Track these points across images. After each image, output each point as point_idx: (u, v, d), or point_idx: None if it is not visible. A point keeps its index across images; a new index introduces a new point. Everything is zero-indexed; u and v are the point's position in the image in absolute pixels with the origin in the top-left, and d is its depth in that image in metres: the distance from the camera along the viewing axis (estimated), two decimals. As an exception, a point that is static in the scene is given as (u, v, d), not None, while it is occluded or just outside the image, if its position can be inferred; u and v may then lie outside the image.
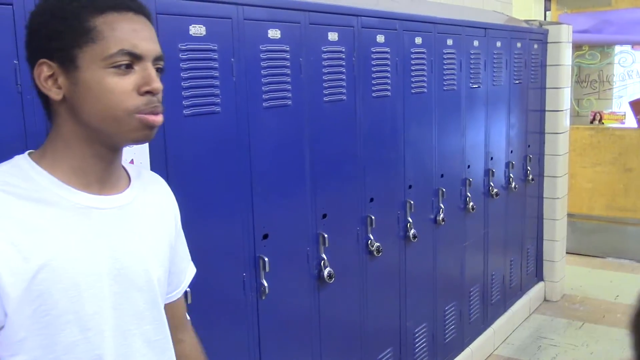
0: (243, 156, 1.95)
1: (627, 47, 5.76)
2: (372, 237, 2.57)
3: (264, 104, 2.00)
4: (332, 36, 2.29)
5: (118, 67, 0.98)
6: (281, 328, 2.15)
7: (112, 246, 1.04)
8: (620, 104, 5.85)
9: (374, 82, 2.53)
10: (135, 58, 1.00)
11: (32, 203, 0.98)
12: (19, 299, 0.94)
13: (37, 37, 1.00)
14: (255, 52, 1.95)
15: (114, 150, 1.06)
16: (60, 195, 1.01)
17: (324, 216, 2.31)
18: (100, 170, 1.05)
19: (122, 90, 0.99)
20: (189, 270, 1.33)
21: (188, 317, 1.38)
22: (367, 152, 2.52)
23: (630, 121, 5.57)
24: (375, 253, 2.57)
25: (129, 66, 1.00)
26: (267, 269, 2.03)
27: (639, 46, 5.88)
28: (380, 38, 2.56)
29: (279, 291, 2.10)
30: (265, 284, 2.03)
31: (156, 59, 1.03)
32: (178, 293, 1.29)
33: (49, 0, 1.02)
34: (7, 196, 0.96)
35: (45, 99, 1.04)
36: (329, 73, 2.27)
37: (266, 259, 2.02)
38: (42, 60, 1.00)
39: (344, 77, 2.35)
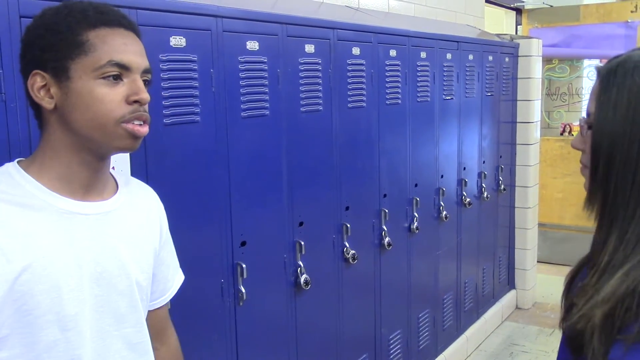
0: (222, 165, 1.99)
1: (595, 61, 5.92)
2: (347, 245, 2.62)
3: (243, 114, 2.04)
4: (309, 48, 2.34)
5: (107, 77, 1.04)
6: (258, 334, 2.18)
7: (94, 250, 1.09)
8: (589, 116, 5.99)
9: (349, 93, 2.59)
10: (124, 69, 1.05)
11: (18, 208, 1.02)
12: (2, 298, 0.98)
13: (32, 49, 1.05)
14: (234, 63, 2.00)
15: (100, 159, 1.11)
16: (46, 200, 1.05)
17: (301, 224, 2.35)
18: (86, 178, 1.10)
19: (111, 99, 1.04)
20: (176, 279, 1.36)
21: (172, 326, 1.42)
22: (343, 162, 2.58)
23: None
24: (350, 260, 2.62)
25: (118, 77, 1.05)
26: (245, 276, 2.06)
27: (606, 60, 6.05)
28: (356, 50, 2.62)
29: (257, 297, 2.14)
30: (243, 290, 2.06)
31: (144, 72, 1.09)
32: (162, 301, 1.33)
33: (45, 15, 1.07)
34: None
35: (37, 109, 1.09)
36: (306, 84, 2.33)
37: (244, 266, 2.06)
38: (35, 71, 1.05)
39: (320, 88, 2.41)
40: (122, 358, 1.15)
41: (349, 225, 2.61)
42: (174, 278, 1.36)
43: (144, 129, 1.08)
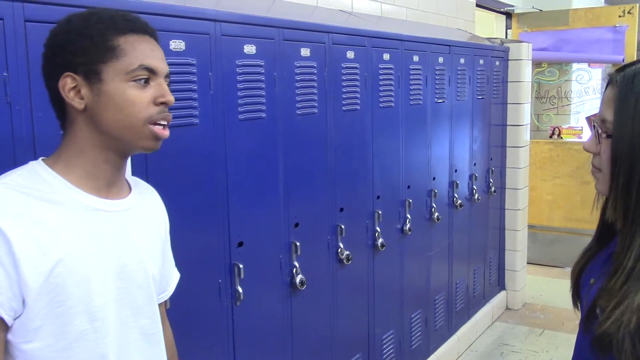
0: (219, 166, 2.02)
1: (584, 65, 6.00)
2: (342, 246, 2.65)
3: (240, 117, 2.08)
4: (305, 52, 2.38)
5: (138, 80, 1.11)
6: (255, 334, 2.22)
7: (116, 245, 1.15)
8: (577, 119, 6.08)
9: (344, 96, 2.63)
10: (152, 73, 1.13)
11: (48, 204, 1.08)
12: (38, 290, 1.03)
13: (63, 53, 1.10)
14: (231, 66, 2.03)
15: (123, 158, 1.18)
16: (73, 197, 1.11)
17: (297, 225, 2.38)
18: (109, 176, 1.16)
19: (140, 101, 1.11)
20: (174, 276, 1.43)
21: (167, 321, 1.47)
22: (337, 164, 2.61)
23: (588, 136, 5.77)
24: (345, 261, 2.66)
25: (147, 81, 1.12)
26: (242, 276, 2.10)
27: (594, 64, 6.13)
28: (350, 54, 2.66)
29: (253, 297, 2.17)
30: (240, 290, 2.09)
31: (166, 76, 1.16)
32: (164, 296, 1.39)
33: (72, 21, 1.12)
34: (26, 197, 1.06)
35: (61, 109, 1.14)
36: (301, 87, 2.36)
37: (241, 266, 2.09)
38: (67, 73, 1.10)
39: (315, 91, 2.44)
40: (138, 348, 1.21)
41: (343, 227, 2.65)
42: (173, 275, 1.43)
43: (167, 132, 1.16)
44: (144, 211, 1.26)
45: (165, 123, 1.15)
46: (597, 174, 1.11)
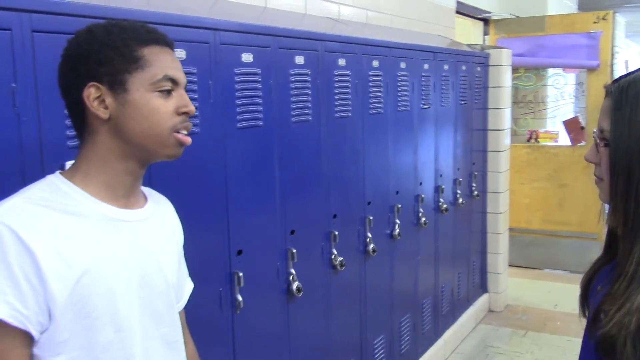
0: (219, 175, 2.02)
1: (560, 70, 6.13)
2: (335, 252, 2.67)
3: (238, 125, 2.08)
4: (299, 60, 2.39)
5: (162, 91, 1.12)
6: (254, 341, 2.21)
7: (137, 254, 1.16)
8: (554, 123, 6.19)
9: (336, 103, 2.65)
10: (174, 84, 1.14)
11: (70, 216, 1.08)
12: (64, 302, 1.03)
13: (87, 62, 1.10)
14: (230, 75, 2.04)
15: (143, 167, 1.18)
16: (93, 208, 1.11)
17: (293, 232, 2.39)
18: (129, 186, 1.17)
19: (165, 110, 1.13)
20: (188, 286, 1.44)
21: (188, 331, 1.47)
22: (330, 171, 2.63)
23: (564, 139, 5.90)
24: (338, 267, 2.67)
25: (170, 91, 1.13)
26: (242, 284, 2.10)
27: (568, 69, 6.26)
28: (342, 61, 2.68)
29: (252, 305, 2.17)
30: (240, 299, 2.09)
31: (184, 87, 1.18)
32: (180, 306, 1.38)
33: (94, 31, 1.12)
34: (48, 210, 1.06)
35: (80, 120, 1.13)
36: (296, 95, 2.37)
37: (241, 274, 2.09)
38: (92, 83, 1.10)
39: (309, 98, 2.46)
40: (162, 356, 1.21)
41: (337, 233, 2.66)
42: (187, 285, 1.43)
43: (189, 139, 1.18)
44: (160, 221, 1.27)
45: (186, 132, 1.17)
46: (600, 183, 1.14)
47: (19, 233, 1.00)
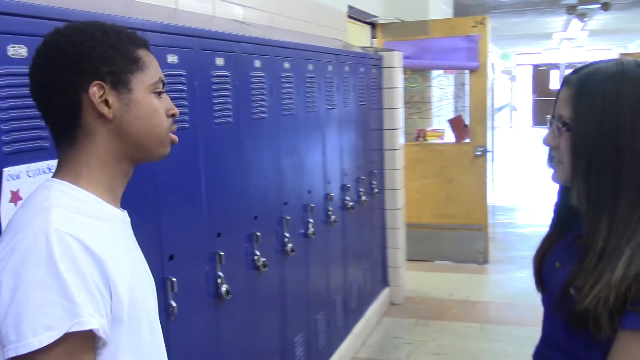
0: (149, 178, 1.97)
1: (440, 72, 6.47)
2: (258, 253, 2.67)
3: (166, 127, 2.04)
4: (219, 61, 2.38)
5: (157, 93, 1.13)
6: (187, 347, 2.17)
7: (139, 254, 1.18)
8: (439, 122, 6.53)
9: (254, 104, 2.66)
10: (163, 86, 1.15)
11: (98, 221, 1.05)
12: (128, 306, 1.02)
13: (89, 60, 1.06)
14: (157, 76, 1.99)
15: (133, 168, 1.18)
16: (108, 212, 1.10)
17: (219, 235, 2.37)
18: (122, 187, 1.17)
19: (162, 111, 1.14)
20: None
21: None
22: (251, 172, 2.63)
23: (449, 137, 6.24)
24: (261, 268, 2.68)
25: (160, 93, 1.14)
26: (175, 289, 2.06)
27: (449, 71, 6.63)
28: (258, 63, 2.70)
29: (185, 311, 2.13)
30: (174, 305, 2.05)
31: None
32: None
33: (87, 30, 1.08)
34: (83, 217, 1.02)
35: (72, 121, 1.07)
36: (218, 96, 2.36)
37: (174, 280, 2.05)
38: (96, 81, 1.06)
39: (230, 100, 2.45)
40: (163, 352, 1.23)
41: (258, 234, 2.67)
42: None
43: (177, 138, 1.19)
44: None
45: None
46: (558, 165, 1.25)
47: (84, 241, 0.98)
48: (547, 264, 1.31)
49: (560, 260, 1.27)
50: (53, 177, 1.10)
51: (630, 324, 1.08)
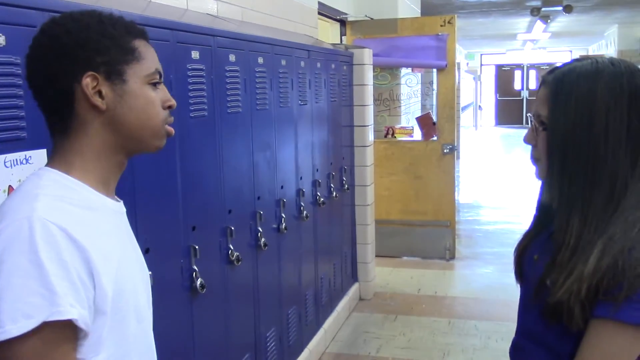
0: (126, 172, 1.95)
1: (409, 70, 6.54)
2: (232, 247, 2.67)
3: (143, 120, 2.02)
4: (195, 54, 2.38)
5: (153, 84, 1.12)
6: (163, 342, 2.16)
7: (132, 245, 1.17)
8: (408, 120, 6.59)
9: (228, 99, 2.65)
10: (160, 78, 1.14)
11: (88, 211, 1.04)
12: (112, 298, 1.01)
13: (84, 50, 1.05)
14: (133, 68, 1.98)
15: (127, 160, 1.16)
16: (100, 202, 1.09)
17: (194, 228, 2.37)
18: (116, 178, 1.15)
19: (158, 103, 1.13)
20: None
21: None
22: (225, 166, 2.63)
23: (417, 134, 6.31)
24: (235, 262, 2.68)
25: (157, 84, 1.13)
26: (151, 283, 2.04)
27: (417, 69, 6.70)
28: (232, 57, 2.69)
29: (160, 305, 2.11)
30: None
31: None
32: None
33: (83, 20, 1.07)
34: (71, 206, 1.01)
35: (66, 112, 1.07)
36: (193, 90, 2.35)
37: (150, 273, 2.03)
38: (90, 72, 1.05)
39: (205, 94, 2.45)
40: (152, 344, 1.22)
41: (232, 228, 2.67)
42: None
43: (173, 130, 1.18)
44: None
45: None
46: (538, 163, 1.28)
47: (68, 230, 0.96)
48: (527, 256, 1.35)
49: (537, 252, 1.30)
50: (46, 165, 1.10)
51: (601, 313, 1.11)
